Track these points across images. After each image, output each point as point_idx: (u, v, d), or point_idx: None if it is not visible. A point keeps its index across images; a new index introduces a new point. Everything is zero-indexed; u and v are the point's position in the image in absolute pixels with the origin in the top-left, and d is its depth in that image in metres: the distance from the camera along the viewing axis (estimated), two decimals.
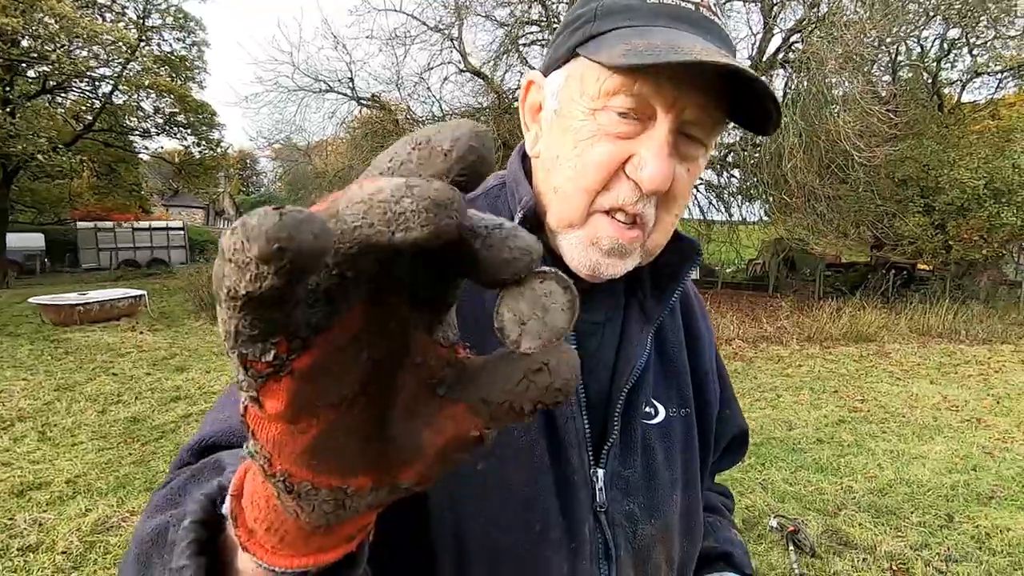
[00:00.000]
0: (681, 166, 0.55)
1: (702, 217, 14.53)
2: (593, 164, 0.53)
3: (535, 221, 0.59)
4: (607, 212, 0.55)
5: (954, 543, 3.05)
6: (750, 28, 11.85)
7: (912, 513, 3.38)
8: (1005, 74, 16.68)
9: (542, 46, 12.50)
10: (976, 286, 14.12)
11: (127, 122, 19.44)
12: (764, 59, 11.62)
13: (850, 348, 8.83)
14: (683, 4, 0.54)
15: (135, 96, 18.83)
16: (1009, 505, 3.52)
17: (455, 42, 12.50)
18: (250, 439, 0.23)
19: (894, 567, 2.81)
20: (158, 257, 20.63)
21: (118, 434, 4.36)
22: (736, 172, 12.84)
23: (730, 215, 14.18)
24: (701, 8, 0.54)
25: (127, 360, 6.65)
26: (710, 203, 13.86)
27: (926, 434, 4.84)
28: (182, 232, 21.92)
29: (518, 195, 0.62)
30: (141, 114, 19.44)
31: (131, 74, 17.67)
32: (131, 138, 20.37)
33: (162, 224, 22.27)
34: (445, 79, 13.51)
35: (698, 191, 13.66)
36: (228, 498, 0.29)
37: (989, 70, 16.50)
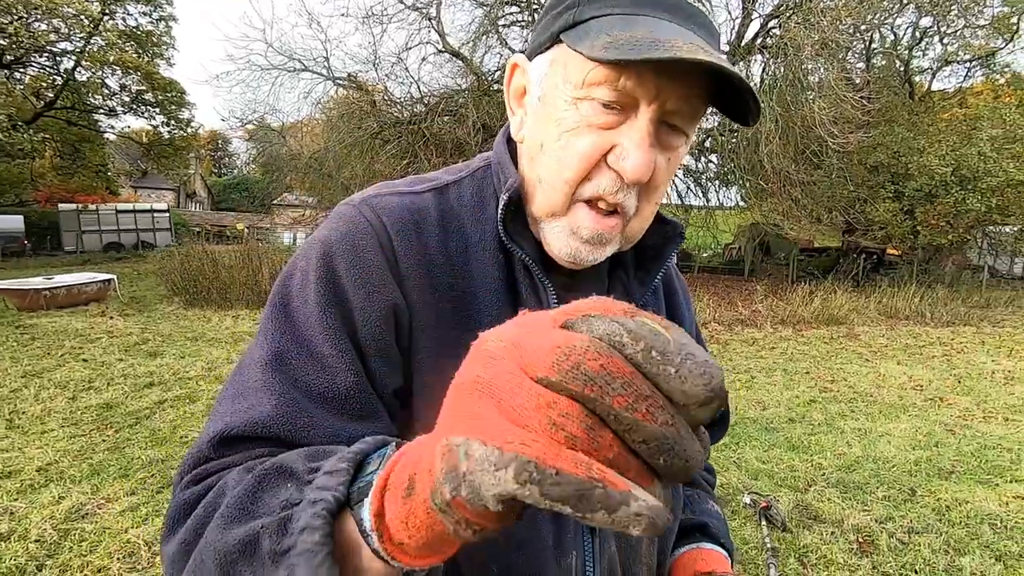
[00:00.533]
0: (662, 155, 0.56)
1: (680, 202, 14.65)
2: (576, 155, 0.54)
3: (519, 203, 0.60)
4: (588, 201, 0.56)
5: (916, 516, 3.18)
6: (729, 12, 11.89)
7: (878, 488, 3.51)
8: (973, 63, 17.06)
9: (522, 27, 12.35)
10: (942, 270, 14.59)
11: (91, 100, 18.72)
12: (743, 44, 11.68)
13: (821, 330, 9.07)
14: None
15: (99, 73, 18.11)
16: (968, 479, 3.68)
17: (433, 22, 12.26)
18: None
19: (860, 539, 2.93)
20: (144, 240, 20.07)
21: (90, 421, 4.26)
22: (714, 157, 12.95)
23: (707, 200, 14.34)
24: None
25: (97, 346, 6.49)
26: (688, 188, 13.99)
27: (892, 413, 5.01)
28: (167, 215, 21.39)
29: (503, 176, 0.62)
30: (106, 91, 18.75)
31: (94, 49, 16.97)
32: (96, 117, 19.63)
33: (146, 206, 21.77)
34: (423, 60, 13.34)
35: (676, 176, 13.75)
36: (370, 519, 0.35)
37: (958, 59, 16.85)
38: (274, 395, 0.51)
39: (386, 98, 12.92)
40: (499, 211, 0.59)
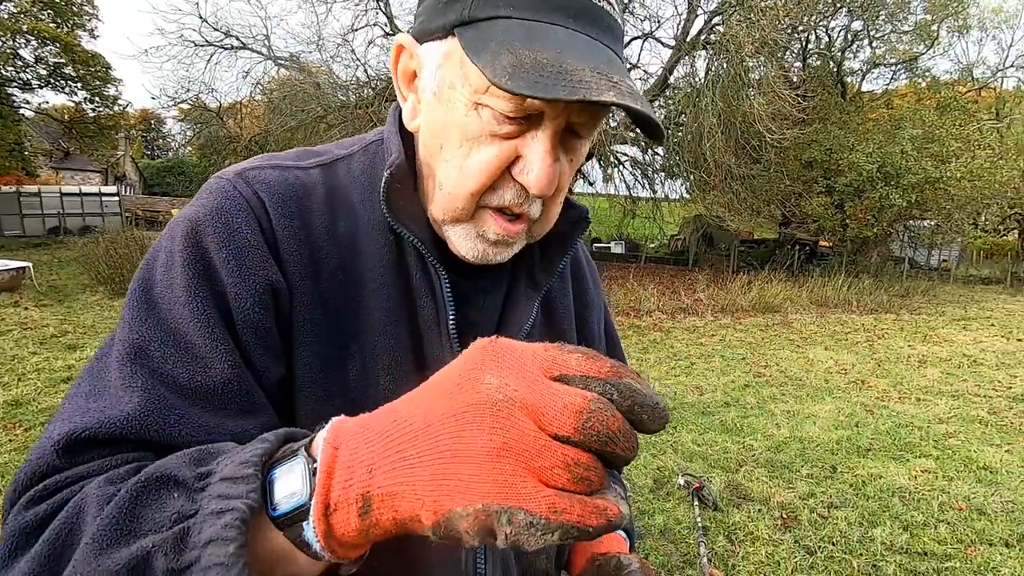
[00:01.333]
0: (564, 159, 0.54)
1: (628, 194, 14.95)
2: (479, 167, 0.51)
3: (404, 180, 0.56)
4: (493, 208, 0.55)
5: (836, 491, 3.39)
6: (675, 8, 12.13)
7: (802, 467, 3.71)
8: (899, 67, 18.15)
9: None
10: (867, 261, 15.53)
11: (2, 71, 17.18)
12: (688, 39, 11.95)
13: (758, 318, 9.49)
14: None
15: (11, 42, 16.63)
16: (883, 456, 3.95)
17: (381, 3, 11.91)
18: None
19: (784, 515, 3.09)
20: (91, 224, 18.74)
21: None
22: (660, 150, 13.25)
23: (654, 192, 14.69)
24: None
25: (8, 338, 6.00)
26: (636, 180, 14.27)
27: (818, 395, 5.31)
28: (116, 199, 20.09)
29: (388, 151, 0.59)
30: (19, 63, 17.23)
31: (4, 16, 15.55)
32: (9, 91, 18.04)
33: (94, 190, 20.35)
34: (371, 43, 12.91)
35: (624, 168, 14.01)
36: (319, 538, 0.36)
37: (885, 62, 17.88)
38: (135, 391, 0.45)
39: (331, 81, 12.49)
40: (381, 189, 0.55)
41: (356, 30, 12.08)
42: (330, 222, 0.56)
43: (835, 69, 17.05)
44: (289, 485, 0.37)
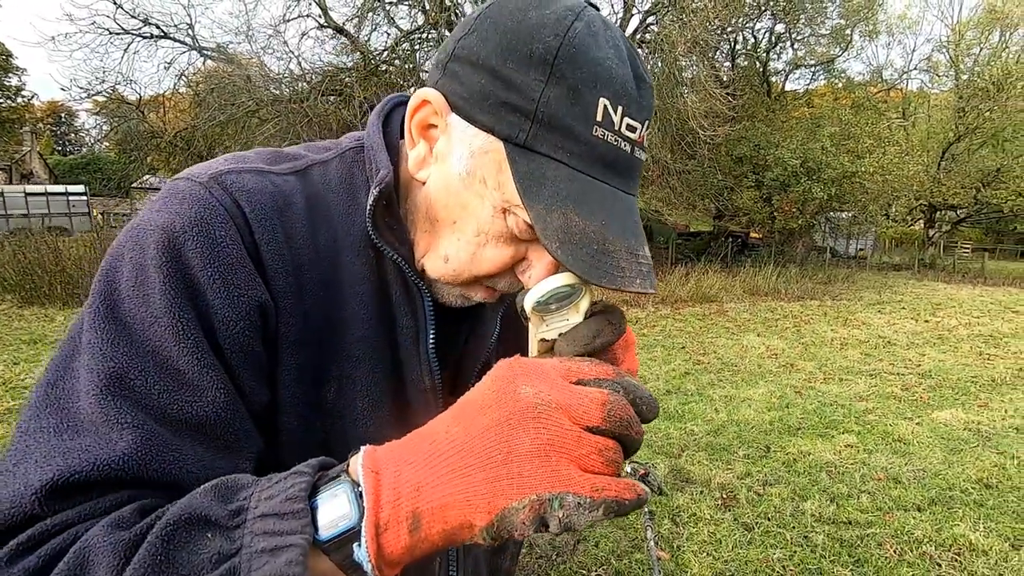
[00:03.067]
0: None
1: None
2: (491, 262, 0.53)
3: (388, 197, 0.54)
4: (484, 283, 0.57)
5: (769, 470, 3.59)
6: (612, 7, 12.38)
7: (739, 448, 3.91)
8: (818, 68, 19.32)
9: (410, 6, 11.98)
10: (794, 251, 16.49)
11: None
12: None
13: (695, 308, 9.89)
14: (621, 147, 0.50)
15: None
16: (810, 434, 4.22)
17: None
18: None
19: (724, 495, 3.25)
20: (59, 225, 17.13)
21: None
22: None
23: None
24: (635, 148, 0.52)
25: None
26: None
27: (752, 380, 5.60)
28: (84, 198, 18.51)
29: (376, 166, 0.55)
30: None
31: None
32: None
33: (60, 189, 18.85)
34: (304, 34, 12.50)
35: None
36: (370, 558, 0.37)
37: (806, 63, 18.98)
38: (125, 428, 0.41)
39: (263, 73, 11.95)
40: (369, 207, 0.53)
41: (288, 21, 11.63)
42: (311, 235, 0.53)
43: (761, 69, 17.96)
44: (336, 509, 0.38)
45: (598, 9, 0.52)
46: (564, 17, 0.48)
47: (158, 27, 11.54)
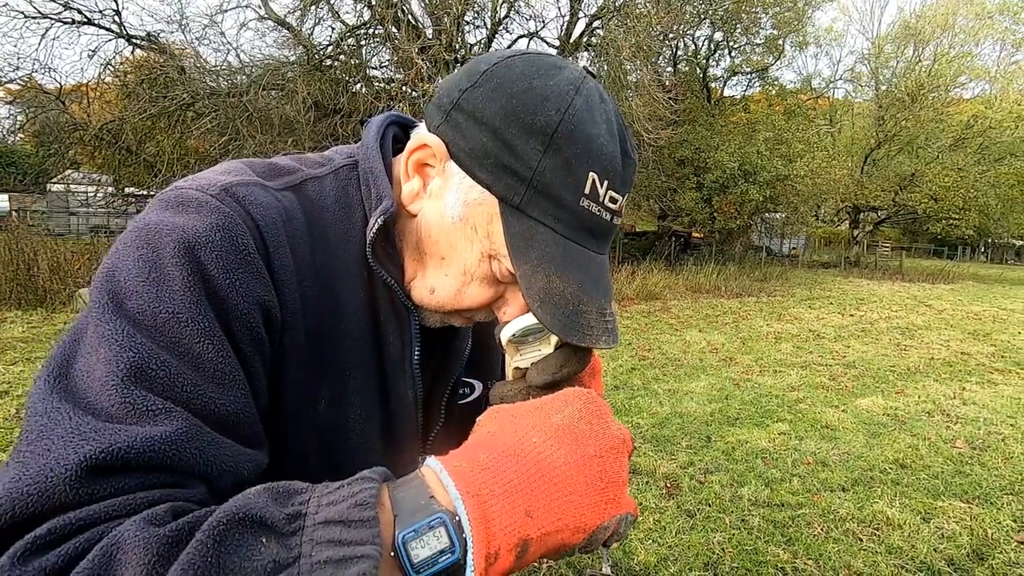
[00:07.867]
0: None
1: None
2: (474, 299, 0.58)
3: (392, 226, 0.59)
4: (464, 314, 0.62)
5: (710, 458, 3.77)
6: (559, 10, 12.57)
7: (682, 439, 4.08)
8: (753, 75, 20.25)
9: (355, 0, 11.72)
10: (733, 250, 17.26)
11: None
12: (571, 41, 12.45)
13: (641, 306, 10.19)
14: (603, 217, 0.54)
15: None
16: (748, 423, 4.45)
17: None
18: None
19: (668, 484, 3.38)
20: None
21: None
22: None
23: None
24: (614, 217, 0.56)
25: None
26: None
27: (694, 373, 5.84)
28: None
29: (375, 191, 0.57)
30: None
31: None
32: None
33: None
34: (243, 25, 12.02)
35: None
36: (474, 560, 0.38)
37: (742, 71, 19.87)
38: (159, 414, 0.39)
39: (198, 65, 11.40)
40: (370, 234, 0.55)
41: (226, 11, 11.14)
42: (310, 253, 0.54)
43: (701, 75, 18.67)
44: (435, 544, 0.38)
45: (595, 77, 0.57)
46: (566, 92, 0.52)
47: (80, 12, 10.80)
